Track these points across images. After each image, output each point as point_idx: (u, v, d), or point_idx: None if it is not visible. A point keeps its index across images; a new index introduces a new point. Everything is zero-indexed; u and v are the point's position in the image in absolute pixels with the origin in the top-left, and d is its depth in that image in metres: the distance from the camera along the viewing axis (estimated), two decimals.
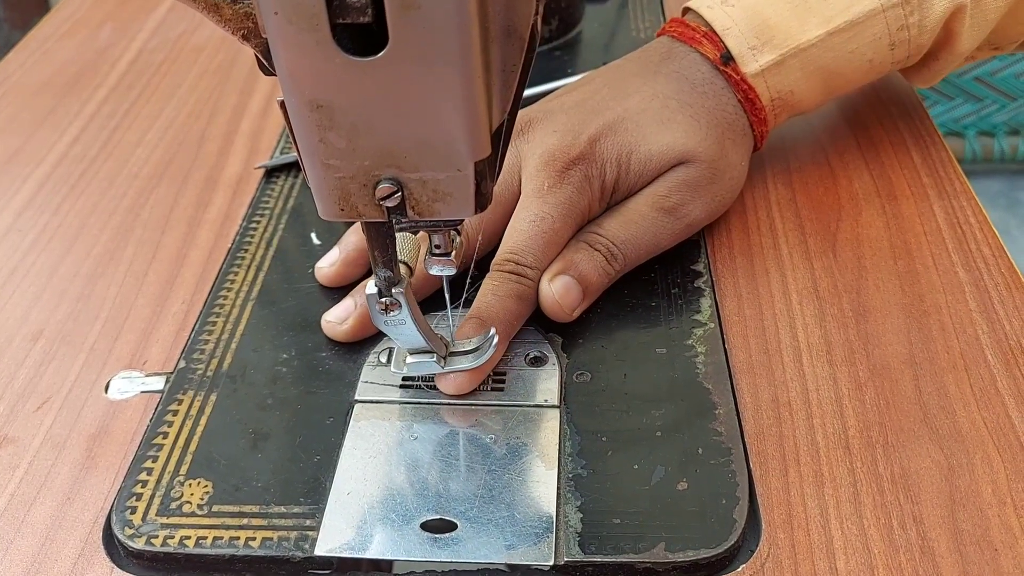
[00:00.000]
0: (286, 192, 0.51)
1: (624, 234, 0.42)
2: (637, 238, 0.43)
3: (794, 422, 0.37)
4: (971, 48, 0.47)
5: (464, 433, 0.37)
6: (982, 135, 1.69)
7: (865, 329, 0.41)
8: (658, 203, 0.43)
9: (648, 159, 0.43)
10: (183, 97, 0.62)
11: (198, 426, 0.38)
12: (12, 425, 0.39)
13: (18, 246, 0.49)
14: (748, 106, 0.45)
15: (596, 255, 0.42)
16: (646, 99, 0.44)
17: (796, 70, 0.45)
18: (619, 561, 0.32)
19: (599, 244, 0.42)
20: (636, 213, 0.43)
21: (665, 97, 0.44)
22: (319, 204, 0.30)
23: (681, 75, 0.45)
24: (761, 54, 0.44)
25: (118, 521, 0.34)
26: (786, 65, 0.45)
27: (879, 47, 0.45)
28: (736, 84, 0.45)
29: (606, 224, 0.43)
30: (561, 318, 0.41)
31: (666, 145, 0.43)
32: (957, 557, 0.32)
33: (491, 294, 0.40)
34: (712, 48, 0.45)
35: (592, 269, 0.41)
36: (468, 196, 0.29)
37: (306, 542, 0.33)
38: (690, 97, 0.44)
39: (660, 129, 0.43)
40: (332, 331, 0.41)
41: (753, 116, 0.45)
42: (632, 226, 0.42)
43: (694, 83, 0.45)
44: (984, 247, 0.45)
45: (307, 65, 0.26)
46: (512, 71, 0.29)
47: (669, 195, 0.43)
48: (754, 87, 0.45)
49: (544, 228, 0.41)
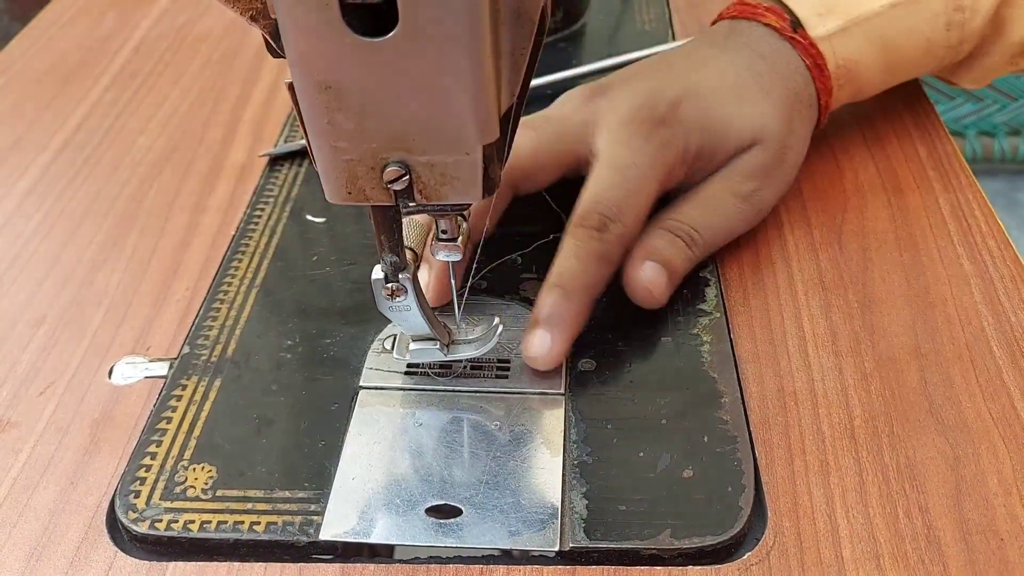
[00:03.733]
0: (290, 180, 0.51)
1: (704, 220, 0.42)
2: (715, 224, 0.42)
3: (800, 411, 0.37)
4: (1022, 37, 0.48)
5: (469, 420, 0.37)
6: (982, 135, 1.69)
7: (870, 320, 0.41)
8: (734, 189, 0.43)
9: (726, 135, 0.43)
10: (187, 85, 0.62)
11: (202, 411, 0.37)
12: (15, 409, 0.39)
13: (22, 232, 0.49)
14: (816, 72, 0.45)
15: (678, 241, 0.41)
16: (720, 71, 0.44)
17: (860, 39, 0.46)
18: (624, 547, 0.32)
19: (679, 230, 0.41)
20: (715, 199, 0.43)
21: (738, 68, 0.44)
22: (326, 187, 0.29)
23: (749, 47, 0.45)
24: (827, 20, 0.45)
25: (122, 505, 0.34)
26: (851, 33, 0.45)
27: (936, 25, 0.46)
28: (804, 50, 0.45)
29: (685, 210, 0.42)
30: (650, 305, 0.40)
31: (744, 121, 0.43)
32: (963, 546, 0.32)
33: (572, 256, 0.38)
34: (777, 18, 0.45)
35: (675, 255, 0.41)
36: (476, 180, 0.29)
37: (310, 527, 0.33)
38: (761, 67, 0.45)
39: (737, 102, 0.43)
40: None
41: (820, 83, 0.45)
42: (711, 212, 0.42)
43: (763, 54, 0.45)
44: (990, 239, 0.45)
45: (316, 46, 0.26)
46: (521, 55, 0.29)
47: (744, 182, 0.43)
48: (822, 52, 0.45)
49: (630, 177, 0.40)
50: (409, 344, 0.37)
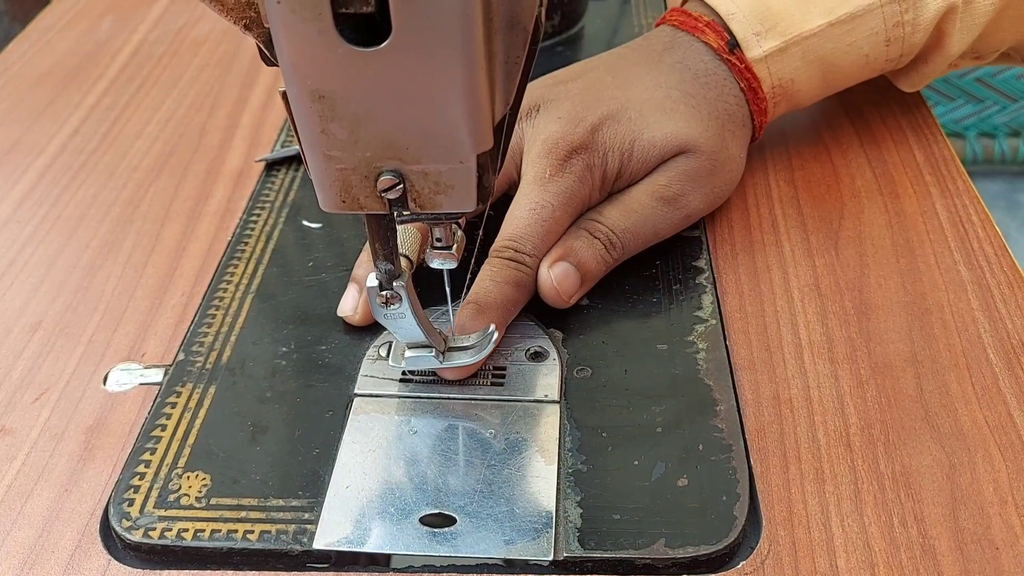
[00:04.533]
0: (286, 185, 0.51)
1: (624, 223, 0.42)
2: (636, 227, 0.43)
3: (795, 419, 0.37)
4: (960, 51, 0.48)
5: (463, 428, 0.37)
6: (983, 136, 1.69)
7: (867, 326, 0.41)
8: (658, 192, 0.43)
9: (650, 148, 0.43)
10: (184, 89, 0.62)
11: (196, 419, 0.37)
12: (9, 416, 0.39)
13: (17, 237, 0.49)
14: (750, 95, 0.45)
15: (595, 243, 0.42)
16: (649, 89, 0.44)
17: (798, 58, 0.45)
18: (619, 557, 0.32)
19: (599, 232, 0.42)
20: (636, 202, 0.43)
21: (668, 87, 0.44)
22: (320, 196, 0.29)
23: (684, 65, 0.45)
24: (765, 40, 0.45)
25: (115, 513, 0.34)
26: (788, 52, 0.45)
27: (875, 42, 0.46)
28: (739, 72, 0.45)
29: (606, 212, 0.43)
30: (558, 304, 0.41)
31: (668, 134, 0.43)
32: (958, 555, 0.32)
33: (489, 280, 0.40)
34: (715, 37, 0.45)
35: (591, 257, 0.41)
36: (470, 189, 0.29)
37: (304, 535, 0.33)
38: (692, 87, 0.45)
39: (662, 118, 0.43)
40: (350, 321, 0.41)
41: (754, 105, 0.46)
42: (632, 215, 0.43)
43: (696, 73, 0.45)
44: (987, 245, 0.45)
45: (309, 55, 0.25)
46: (515, 63, 0.29)
47: (669, 185, 0.43)
48: (757, 75, 0.45)
49: (544, 216, 0.41)
50: (404, 352, 0.37)
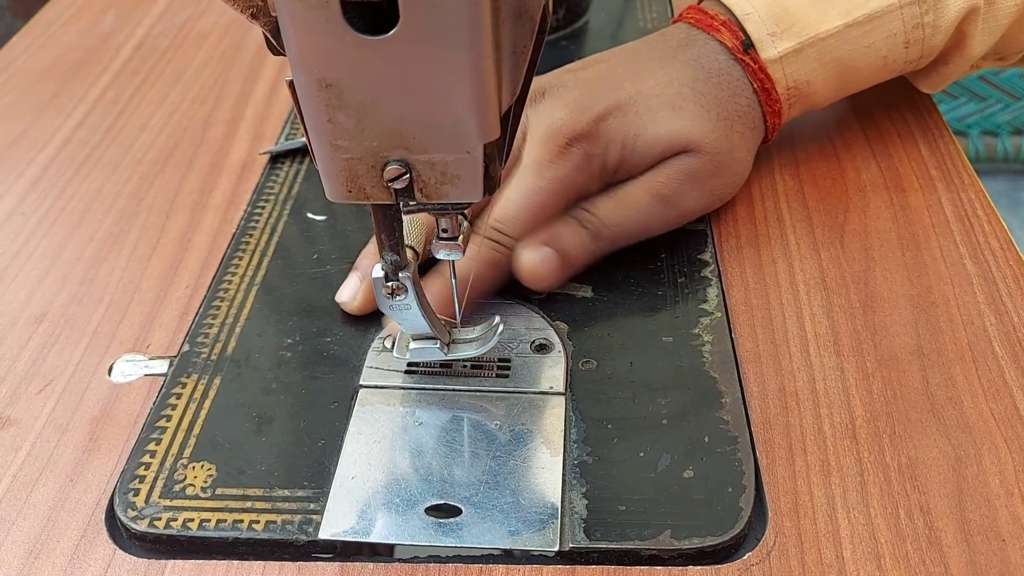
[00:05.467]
0: (291, 178, 0.51)
1: (615, 217, 0.42)
2: (627, 222, 0.43)
3: (801, 411, 0.37)
4: (981, 52, 0.47)
5: (468, 419, 0.37)
6: (985, 134, 1.69)
7: (872, 320, 0.41)
8: (655, 189, 0.43)
9: (653, 144, 0.42)
10: (188, 83, 0.62)
11: (202, 409, 0.37)
12: (15, 407, 0.39)
13: (22, 229, 0.49)
14: (763, 96, 0.45)
15: (582, 232, 0.42)
16: (660, 84, 0.44)
17: (813, 60, 0.45)
18: (624, 548, 0.32)
19: (588, 222, 0.42)
20: (631, 196, 0.43)
21: (679, 84, 0.44)
22: (326, 186, 0.29)
23: (698, 63, 0.45)
24: (780, 41, 0.44)
25: (121, 503, 0.34)
26: (804, 54, 0.44)
27: (894, 44, 0.45)
28: (753, 73, 0.44)
29: (599, 203, 0.42)
30: (533, 286, 0.41)
31: (673, 132, 0.42)
32: (964, 547, 0.32)
33: (468, 258, 0.40)
34: (731, 36, 0.45)
35: (575, 245, 0.41)
36: (477, 179, 0.29)
37: (310, 526, 0.33)
38: (704, 87, 0.44)
39: (669, 115, 0.43)
40: (347, 308, 0.41)
41: (768, 107, 0.45)
42: (625, 210, 0.42)
43: (709, 72, 0.44)
44: (992, 239, 0.45)
45: (317, 43, 0.25)
46: (522, 53, 0.28)
47: (667, 183, 0.43)
48: (771, 76, 0.44)
49: (535, 202, 0.41)
50: (409, 343, 0.37)
